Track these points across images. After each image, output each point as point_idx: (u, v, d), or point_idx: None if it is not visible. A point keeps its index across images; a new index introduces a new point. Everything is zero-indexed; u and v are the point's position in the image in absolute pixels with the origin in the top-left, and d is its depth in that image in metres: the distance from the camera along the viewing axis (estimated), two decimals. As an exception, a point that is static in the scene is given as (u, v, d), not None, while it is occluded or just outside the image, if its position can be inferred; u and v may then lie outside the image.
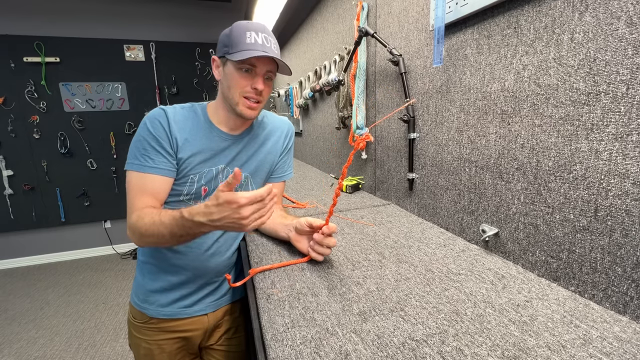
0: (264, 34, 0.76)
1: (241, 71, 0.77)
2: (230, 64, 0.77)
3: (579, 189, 0.58)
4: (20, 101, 3.04)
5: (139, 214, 0.74)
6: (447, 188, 0.92)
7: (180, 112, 0.82)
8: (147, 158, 0.76)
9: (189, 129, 0.81)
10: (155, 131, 0.77)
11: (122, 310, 2.45)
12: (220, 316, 0.96)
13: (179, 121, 0.81)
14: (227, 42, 0.77)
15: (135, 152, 0.78)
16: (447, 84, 0.87)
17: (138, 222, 0.73)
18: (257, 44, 0.74)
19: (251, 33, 0.75)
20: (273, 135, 0.95)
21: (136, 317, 0.92)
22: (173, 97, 3.48)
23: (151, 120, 0.78)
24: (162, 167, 0.78)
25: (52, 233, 3.39)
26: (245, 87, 0.77)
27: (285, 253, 0.82)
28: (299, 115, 2.53)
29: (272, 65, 0.79)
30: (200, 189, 0.83)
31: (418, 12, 0.97)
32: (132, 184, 0.78)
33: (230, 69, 0.77)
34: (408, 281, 0.67)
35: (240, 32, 0.75)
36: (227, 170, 0.86)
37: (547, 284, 0.64)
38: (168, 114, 0.79)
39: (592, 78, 0.54)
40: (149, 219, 0.72)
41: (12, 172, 3.13)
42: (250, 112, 0.80)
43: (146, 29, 3.31)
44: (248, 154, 0.89)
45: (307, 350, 0.49)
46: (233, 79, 0.77)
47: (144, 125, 0.78)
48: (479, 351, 0.47)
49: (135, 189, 0.77)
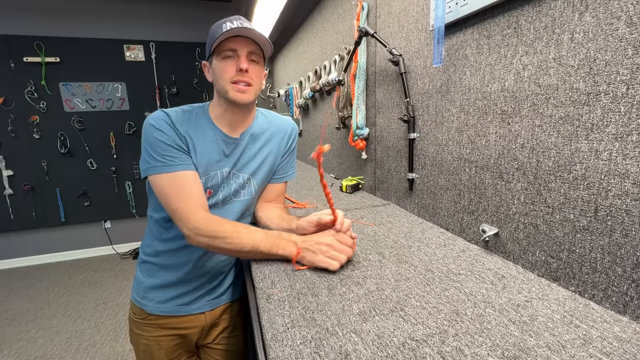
0: (239, 21, 0.78)
1: (225, 59, 0.78)
2: (215, 57, 0.79)
3: (579, 189, 0.58)
4: (20, 101, 3.04)
5: (207, 217, 0.75)
6: (447, 188, 0.92)
7: (181, 114, 0.82)
8: (169, 157, 0.76)
9: (193, 131, 0.81)
10: (166, 130, 0.77)
11: (122, 310, 2.45)
12: (217, 315, 0.96)
13: (184, 122, 0.80)
14: (208, 43, 0.80)
15: (153, 154, 0.76)
16: (447, 84, 0.87)
17: (211, 227, 0.74)
18: (234, 28, 0.75)
19: (226, 23, 0.77)
20: (276, 136, 0.94)
21: (136, 313, 0.93)
22: (173, 97, 3.48)
23: (157, 122, 0.77)
24: (187, 162, 0.78)
25: (52, 233, 3.39)
26: (230, 72, 0.78)
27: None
28: (299, 115, 2.53)
29: (253, 46, 0.79)
30: (205, 192, 0.83)
31: (418, 12, 0.97)
32: (166, 187, 0.76)
33: (215, 62, 0.80)
34: (408, 281, 0.67)
35: (217, 27, 0.78)
36: (232, 173, 0.87)
37: (547, 284, 0.64)
38: (171, 116, 0.79)
39: (592, 78, 0.54)
40: (229, 227, 0.75)
41: (12, 172, 3.13)
42: (242, 95, 0.79)
43: (146, 29, 3.31)
44: (249, 155, 0.90)
45: (307, 350, 0.49)
46: (219, 70, 0.79)
47: (151, 127, 0.77)
48: (479, 351, 0.47)
49: (176, 191, 0.76)
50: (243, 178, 0.89)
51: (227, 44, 0.77)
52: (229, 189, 0.87)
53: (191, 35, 3.47)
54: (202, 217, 0.75)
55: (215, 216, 0.78)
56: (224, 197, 0.87)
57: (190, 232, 0.74)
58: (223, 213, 0.87)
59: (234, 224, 0.77)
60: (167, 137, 0.76)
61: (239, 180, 0.88)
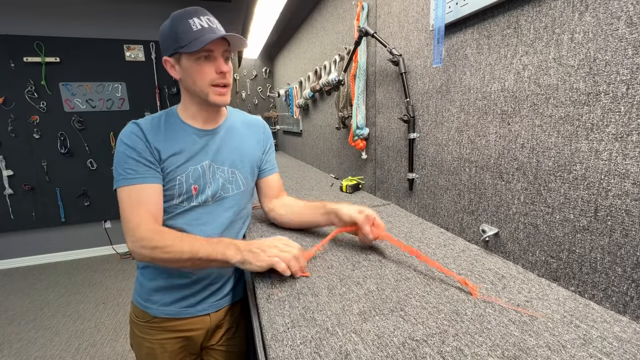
0: (206, 17, 0.76)
1: (200, 60, 0.76)
2: (186, 57, 0.76)
3: (579, 189, 0.58)
4: (20, 101, 3.04)
5: (153, 229, 0.74)
6: (447, 188, 0.92)
7: (151, 121, 0.83)
8: (130, 171, 0.77)
9: (164, 133, 0.82)
10: (133, 144, 0.78)
11: (122, 310, 2.45)
12: (222, 316, 0.96)
13: (154, 129, 0.81)
14: (174, 38, 0.75)
15: (119, 169, 0.78)
16: (447, 84, 0.87)
17: (154, 237, 0.73)
18: (205, 28, 0.74)
19: (194, 20, 0.75)
20: (253, 129, 0.97)
21: (139, 316, 0.92)
22: (173, 97, 3.47)
23: (127, 135, 0.79)
24: (148, 176, 0.78)
25: (52, 233, 3.39)
26: (210, 75, 0.77)
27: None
28: (299, 115, 2.53)
29: (225, 44, 0.79)
30: (190, 188, 0.84)
31: (418, 12, 0.97)
32: (124, 200, 0.77)
33: (187, 62, 0.76)
34: (408, 281, 0.67)
35: (183, 23, 0.75)
36: (212, 165, 0.87)
37: (547, 284, 0.64)
38: (141, 125, 0.80)
39: (592, 78, 0.54)
40: (171, 236, 0.74)
41: (12, 172, 3.13)
42: (222, 98, 0.80)
43: (146, 29, 3.30)
44: (230, 147, 0.90)
45: (307, 350, 0.49)
46: (195, 72, 0.77)
47: (120, 142, 0.79)
48: (479, 351, 0.47)
49: (130, 204, 0.76)
50: (228, 172, 0.89)
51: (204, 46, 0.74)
52: (217, 184, 0.87)
53: (191, 35, 3.46)
54: (149, 228, 0.74)
55: (164, 228, 0.77)
56: (214, 194, 0.87)
57: (133, 244, 0.74)
58: (216, 211, 0.88)
59: (178, 234, 0.76)
60: (132, 151, 0.77)
61: (224, 175, 0.89)
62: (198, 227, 0.85)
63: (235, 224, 0.93)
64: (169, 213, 0.84)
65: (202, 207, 0.86)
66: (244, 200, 0.94)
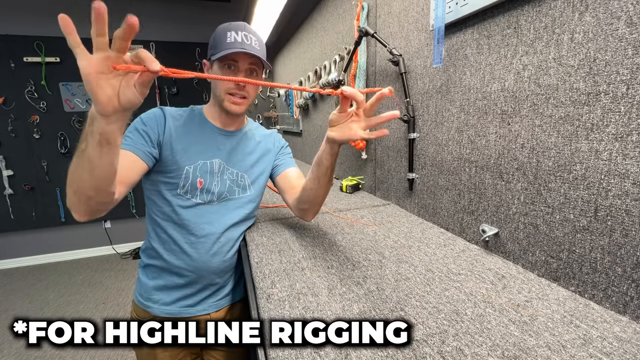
0: (243, 32, 0.80)
1: (224, 69, 0.82)
2: (215, 64, 0.82)
3: (579, 189, 0.58)
4: (20, 101, 3.04)
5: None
6: (447, 188, 0.92)
7: (176, 110, 0.89)
8: (127, 138, 0.78)
9: (184, 122, 0.87)
10: (147, 120, 0.81)
11: (122, 310, 2.45)
12: (222, 316, 0.96)
13: (176, 117, 0.86)
14: (211, 45, 0.83)
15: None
16: (447, 84, 0.87)
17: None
18: (237, 42, 0.79)
19: (231, 33, 0.80)
20: (268, 139, 1.00)
21: (140, 315, 0.92)
22: (173, 97, 3.48)
23: (147, 114, 0.83)
24: (136, 146, 0.77)
25: (52, 233, 3.39)
26: (229, 83, 0.81)
27: (286, 253, 0.82)
28: (299, 115, 2.53)
29: (254, 60, 0.82)
30: (196, 181, 0.85)
31: (418, 12, 0.97)
32: None
33: (215, 68, 0.83)
34: (408, 281, 0.67)
35: (222, 34, 0.81)
36: (223, 165, 0.89)
37: (547, 284, 0.64)
38: (165, 110, 0.85)
39: (592, 78, 0.54)
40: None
41: (12, 172, 3.13)
42: (236, 107, 0.84)
43: (146, 29, 3.30)
44: (244, 152, 0.93)
45: (307, 350, 0.49)
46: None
47: (138, 118, 0.82)
48: (479, 351, 0.47)
49: None
50: (237, 174, 0.91)
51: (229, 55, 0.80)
52: (223, 184, 0.89)
53: (191, 35, 3.46)
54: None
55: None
56: (220, 194, 0.89)
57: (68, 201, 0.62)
58: (221, 211, 0.89)
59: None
60: (140, 123, 0.80)
61: (232, 177, 0.90)
62: (201, 225, 0.86)
63: (238, 227, 0.93)
64: (173, 206, 0.84)
65: (207, 205, 0.87)
66: (249, 205, 0.95)
